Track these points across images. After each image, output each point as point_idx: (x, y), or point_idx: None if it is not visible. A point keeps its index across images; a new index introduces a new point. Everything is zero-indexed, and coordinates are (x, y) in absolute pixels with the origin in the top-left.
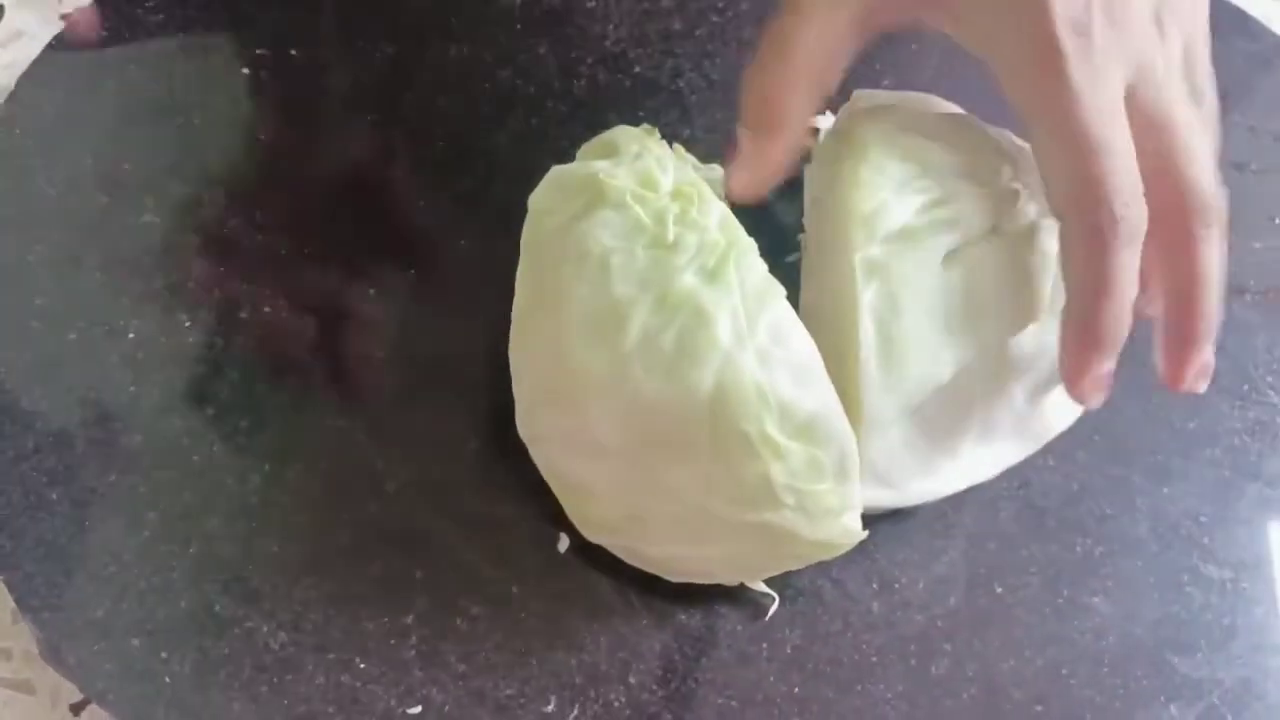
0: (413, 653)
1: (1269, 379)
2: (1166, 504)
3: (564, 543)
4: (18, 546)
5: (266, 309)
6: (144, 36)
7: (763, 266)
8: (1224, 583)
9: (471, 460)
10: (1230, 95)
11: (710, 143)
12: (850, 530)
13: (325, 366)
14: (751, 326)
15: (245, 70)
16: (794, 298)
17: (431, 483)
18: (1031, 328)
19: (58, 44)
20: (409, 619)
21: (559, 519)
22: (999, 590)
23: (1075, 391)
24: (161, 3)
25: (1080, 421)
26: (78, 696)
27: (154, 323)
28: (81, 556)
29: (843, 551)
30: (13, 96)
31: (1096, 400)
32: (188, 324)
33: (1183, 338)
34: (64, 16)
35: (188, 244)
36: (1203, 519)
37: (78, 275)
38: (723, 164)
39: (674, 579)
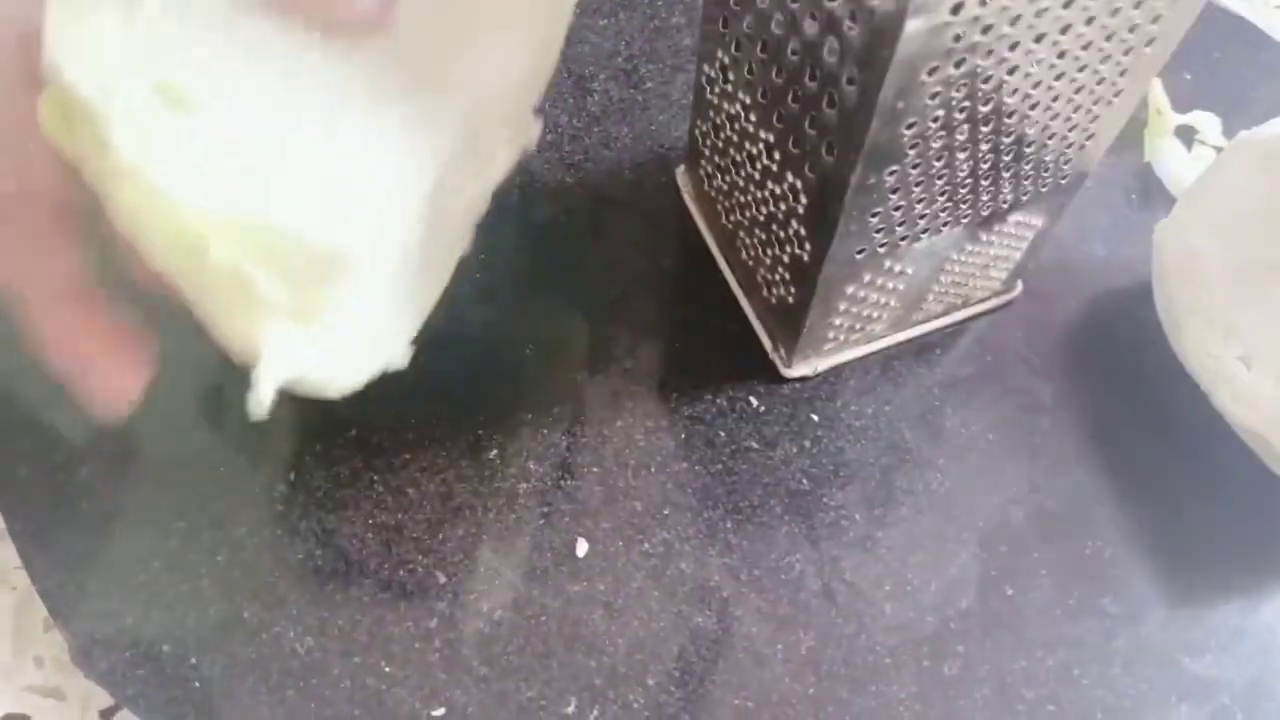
0: (436, 656)
1: None
2: (1175, 505)
3: (582, 547)
4: (50, 556)
5: None
6: None
7: None
8: (1232, 583)
9: (490, 467)
10: (1233, 104)
11: None
12: None
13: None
14: None
15: None
16: None
17: (452, 490)
18: None
19: None
20: (432, 623)
21: (577, 524)
22: (1010, 592)
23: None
24: None
25: (1090, 429)
26: (108, 702)
27: (180, 340)
28: (112, 565)
29: None
30: None
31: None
32: (212, 340)
33: None
34: None
35: None
36: (1211, 520)
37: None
38: None
39: None
